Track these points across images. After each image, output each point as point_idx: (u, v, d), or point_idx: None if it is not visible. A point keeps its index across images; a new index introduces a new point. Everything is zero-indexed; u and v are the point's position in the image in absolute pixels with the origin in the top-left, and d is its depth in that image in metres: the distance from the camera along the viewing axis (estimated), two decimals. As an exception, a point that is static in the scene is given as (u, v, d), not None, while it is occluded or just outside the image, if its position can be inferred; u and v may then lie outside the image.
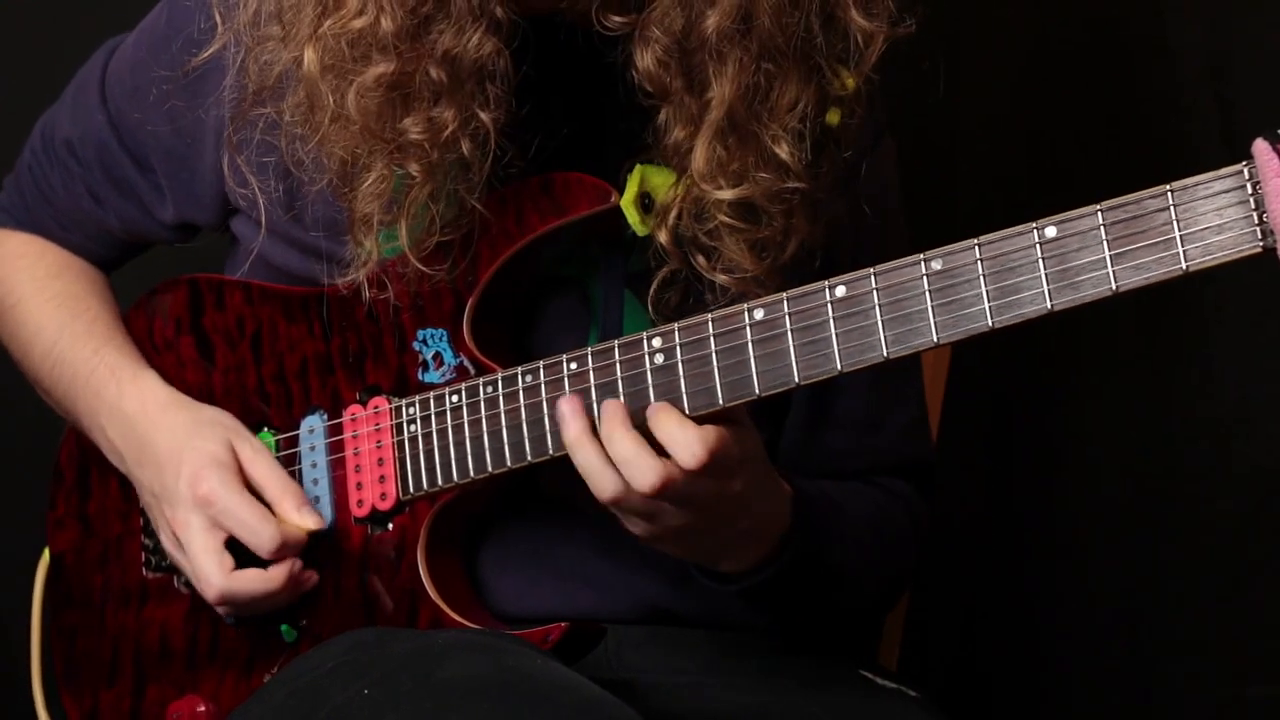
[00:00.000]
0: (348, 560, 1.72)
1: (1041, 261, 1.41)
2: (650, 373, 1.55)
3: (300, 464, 1.76)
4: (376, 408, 1.72)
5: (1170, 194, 1.36)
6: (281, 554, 1.69)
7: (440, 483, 1.67)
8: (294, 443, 1.76)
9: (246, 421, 1.78)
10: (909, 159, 1.88)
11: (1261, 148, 1.33)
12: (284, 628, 1.74)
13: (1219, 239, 1.35)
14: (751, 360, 1.51)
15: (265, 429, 1.78)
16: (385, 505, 1.70)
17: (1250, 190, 1.34)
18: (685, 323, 1.54)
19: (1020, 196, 2.45)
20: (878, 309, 1.47)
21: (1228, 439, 2.39)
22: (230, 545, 1.71)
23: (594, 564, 1.73)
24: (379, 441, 1.71)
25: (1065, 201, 1.42)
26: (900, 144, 1.84)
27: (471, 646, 1.50)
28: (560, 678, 1.48)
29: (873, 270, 1.47)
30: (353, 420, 1.73)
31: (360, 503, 1.72)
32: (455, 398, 1.66)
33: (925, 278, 1.45)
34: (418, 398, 1.69)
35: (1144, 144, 2.40)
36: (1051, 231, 1.41)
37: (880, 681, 1.78)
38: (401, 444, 1.70)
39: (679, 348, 1.54)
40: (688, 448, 1.48)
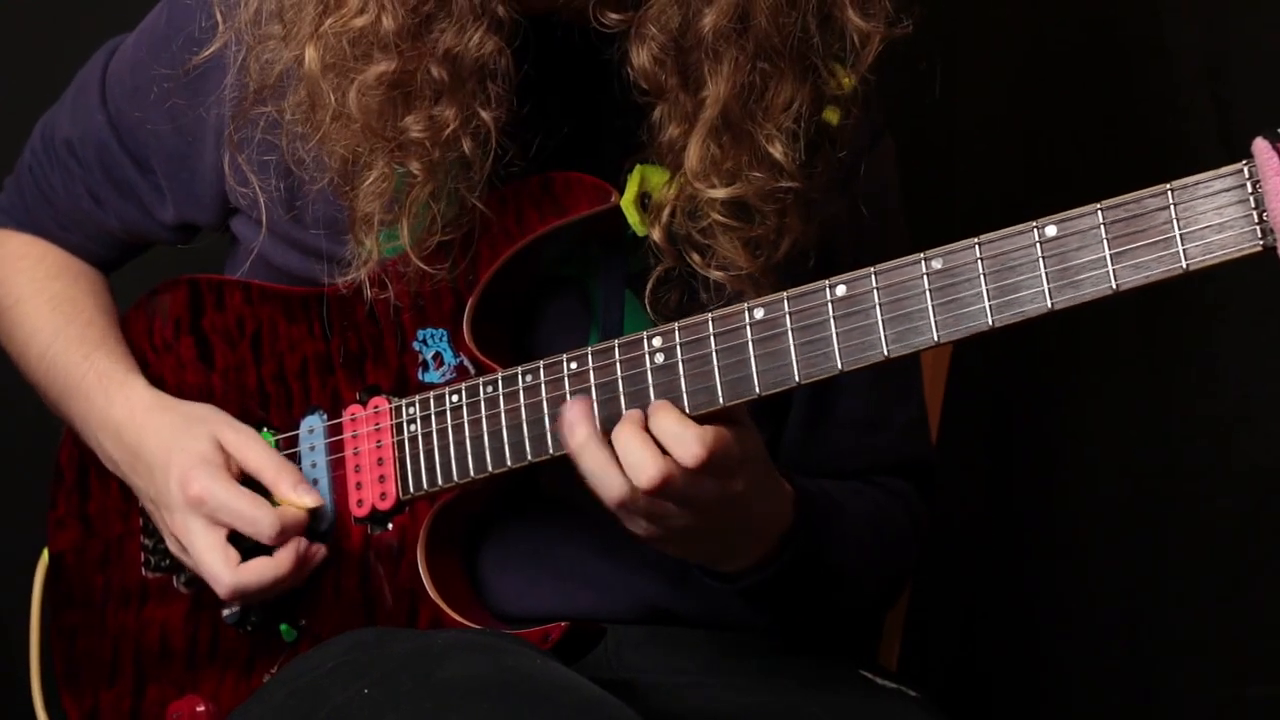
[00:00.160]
0: (348, 560, 1.72)
1: (1042, 260, 1.41)
2: (650, 372, 1.55)
3: (300, 464, 1.75)
4: (376, 407, 1.72)
5: (1170, 193, 1.36)
6: (283, 538, 1.69)
7: (440, 483, 1.67)
8: (294, 443, 1.76)
9: (246, 421, 1.78)
10: (907, 159, 1.88)
11: (1261, 146, 1.33)
12: (284, 628, 1.74)
13: (1219, 238, 1.35)
14: (752, 360, 1.51)
15: (265, 429, 1.78)
16: (385, 505, 1.70)
17: (1250, 189, 1.34)
18: (685, 322, 1.54)
19: (1018, 196, 2.45)
20: (878, 308, 1.46)
21: (1228, 438, 2.39)
22: (234, 538, 1.71)
23: (594, 564, 1.73)
24: (379, 441, 1.71)
25: (1063, 201, 1.42)
26: (898, 144, 1.84)
27: (471, 646, 1.50)
28: (560, 678, 1.48)
29: (873, 269, 1.47)
30: (352, 420, 1.73)
31: (360, 502, 1.72)
32: (455, 397, 1.66)
33: (925, 277, 1.45)
34: (418, 397, 1.69)
35: (1141, 144, 2.40)
36: (1052, 230, 1.40)
37: (880, 681, 1.78)
38: (401, 444, 1.69)
39: (679, 347, 1.54)
40: (687, 446, 1.48)
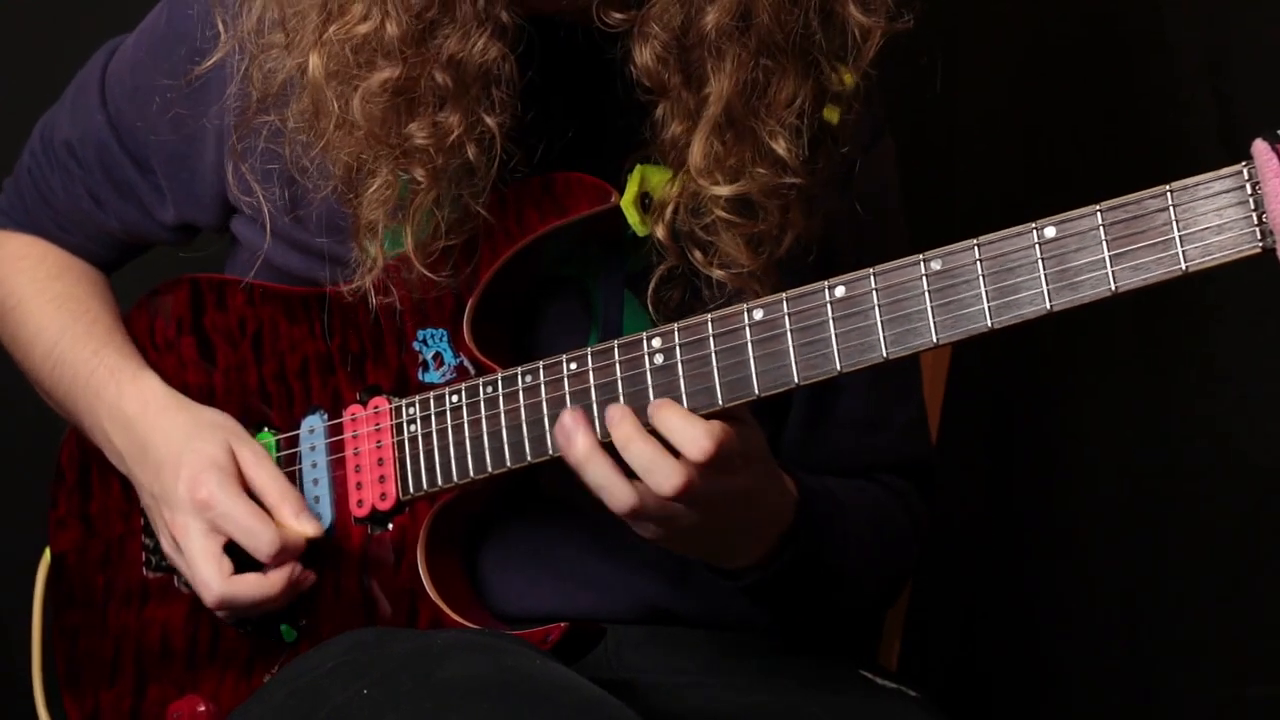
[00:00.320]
0: (348, 560, 1.72)
1: (1041, 262, 1.40)
2: (650, 373, 1.55)
3: (300, 464, 1.76)
4: (376, 408, 1.72)
5: (1170, 194, 1.36)
6: (280, 559, 1.69)
7: (440, 483, 1.67)
8: (294, 442, 1.76)
9: (247, 421, 1.78)
10: (906, 158, 1.88)
11: (1261, 148, 1.33)
12: (284, 628, 1.74)
13: (1218, 239, 1.35)
14: (751, 360, 1.51)
15: (265, 429, 1.78)
16: (385, 505, 1.70)
17: (1250, 190, 1.34)
18: (685, 323, 1.54)
19: (1018, 195, 2.45)
20: (877, 309, 1.46)
21: (1227, 438, 2.39)
22: (229, 548, 1.71)
23: (594, 564, 1.73)
24: (379, 441, 1.71)
25: (1063, 200, 1.42)
26: (898, 143, 1.84)
27: (471, 646, 1.50)
28: (560, 678, 1.48)
29: (872, 270, 1.47)
30: (353, 420, 1.73)
31: (360, 503, 1.72)
32: (455, 398, 1.66)
33: (925, 278, 1.45)
34: (418, 398, 1.69)
35: (1142, 141, 2.39)
36: (1051, 232, 1.40)
37: (880, 681, 1.78)
38: (401, 444, 1.69)
39: (678, 348, 1.54)
40: (695, 441, 1.47)
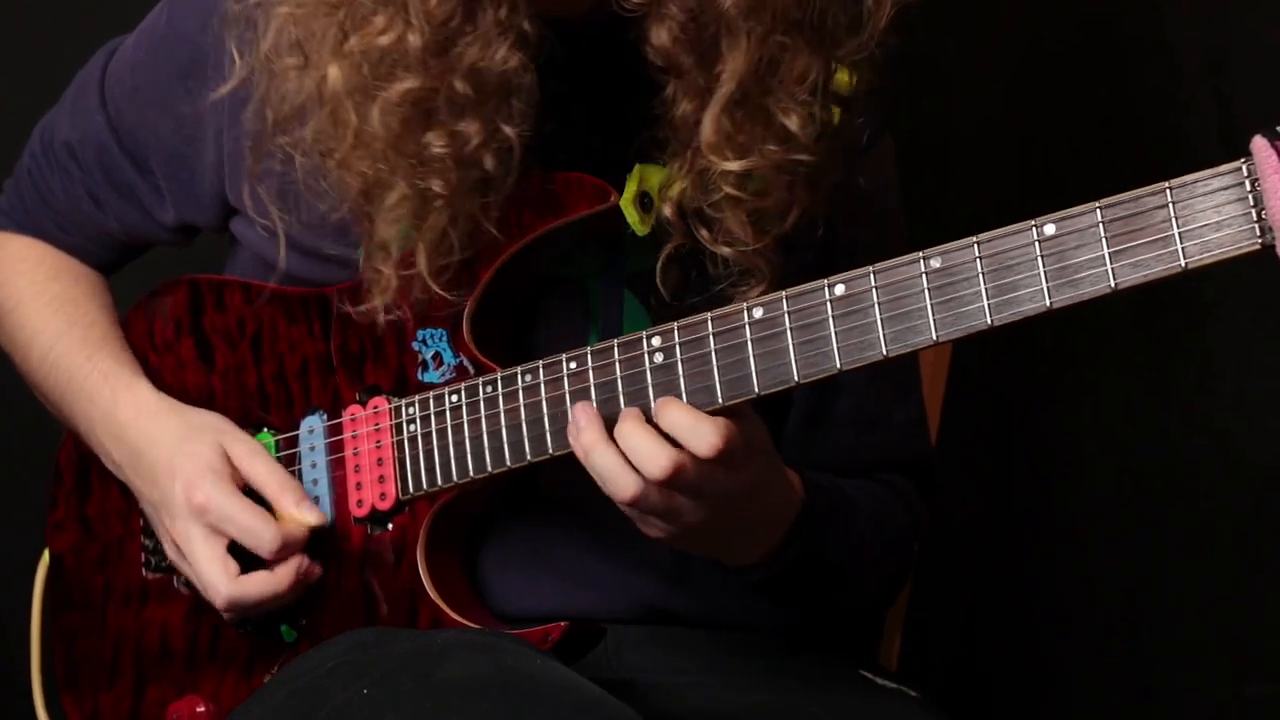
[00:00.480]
0: (348, 560, 1.72)
1: (1040, 259, 1.40)
2: (650, 372, 1.55)
3: (300, 464, 1.76)
4: (376, 408, 1.72)
5: (1169, 191, 1.36)
6: (284, 554, 1.69)
7: (440, 482, 1.67)
8: (294, 443, 1.76)
9: (246, 422, 1.78)
10: (903, 161, 1.88)
11: (1260, 145, 1.33)
12: (284, 628, 1.74)
13: (1217, 236, 1.35)
14: (751, 359, 1.51)
15: (265, 429, 1.78)
16: (385, 505, 1.70)
17: (1249, 187, 1.34)
18: (684, 322, 1.54)
19: (1015, 196, 2.45)
20: (877, 307, 1.46)
21: (1227, 435, 2.39)
22: (233, 548, 1.71)
23: (593, 564, 1.73)
24: (378, 441, 1.71)
25: (1061, 200, 1.42)
26: (895, 144, 1.84)
27: (471, 646, 1.50)
28: (560, 677, 1.48)
29: (871, 269, 1.47)
30: (352, 420, 1.73)
31: (360, 503, 1.72)
32: (455, 397, 1.66)
33: (924, 276, 1.45)
34: (417, 398, 1.69)
35: (1141, 141, 2.39)
36: (1050, 229, 1.40)
37: (880, 681, 1.78)
38: (401, 444, 1.69)
39: (678, 347, 1.54)
40: (703, 437, 1.48)
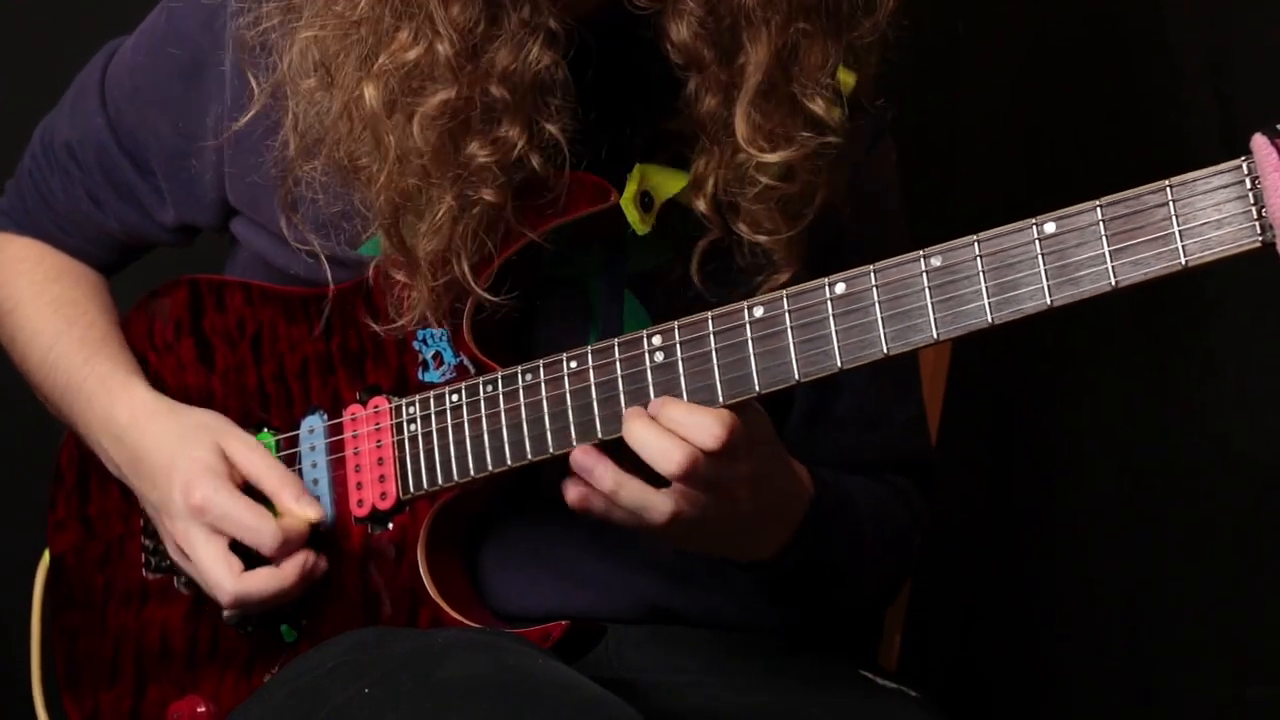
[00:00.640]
0: (348, 560, 1.72)
1: (1041, 257, 1.41)
2: (650, 371, 1.55)
3: (300, 464, 1.76)
4: (376, 407, 1.72)
5: (1169, 189, 1.37)
6: (285, 550, 1.68)
7: (440, 482, 1.67)
8: (294, 443, 1.76)
9: (247, 422, 1.78)
10: (908, 159, 1.88)
11: (1260, 143, 1.33)
12: (284, 628, 1.74)
13: (1218, 234, 1.35)
14: (751, 358, 1.51)
15: (265, 429, 1.78)
16: (385, 505, 1.70)
17: (1249, 185, 1.34)
18: (685, 321, 1.54)
19: (1019, 195, 2.45)
20: (877, 306, 1.47)
21: (1227, 434, 2.39)
22: (235, 545, 1.71)
23: (594, 563, 1.73)
24: (379, 441, 1.71)
25: (1064, 199, 1.42)
26: (899, 143, 1.84)
27: (472, 645, 1.50)
28: (560, 677, 1.48)
29: (872, 267, 1.47)
30: (353, 420, 1.73)
31: (360, 502, 1.72)
32: (455, 397, 1.66)
33: (925, 274, 1.45)
34: (417, 397, 1.69)
35: (1143, 142, 2.39)
36: (1051, 227, 1.41)
37: (880, 681, 1.78)
38: (401, 443, 1.69)
39: (679, 346, 1.54)
40: (706, 429, 1.48)
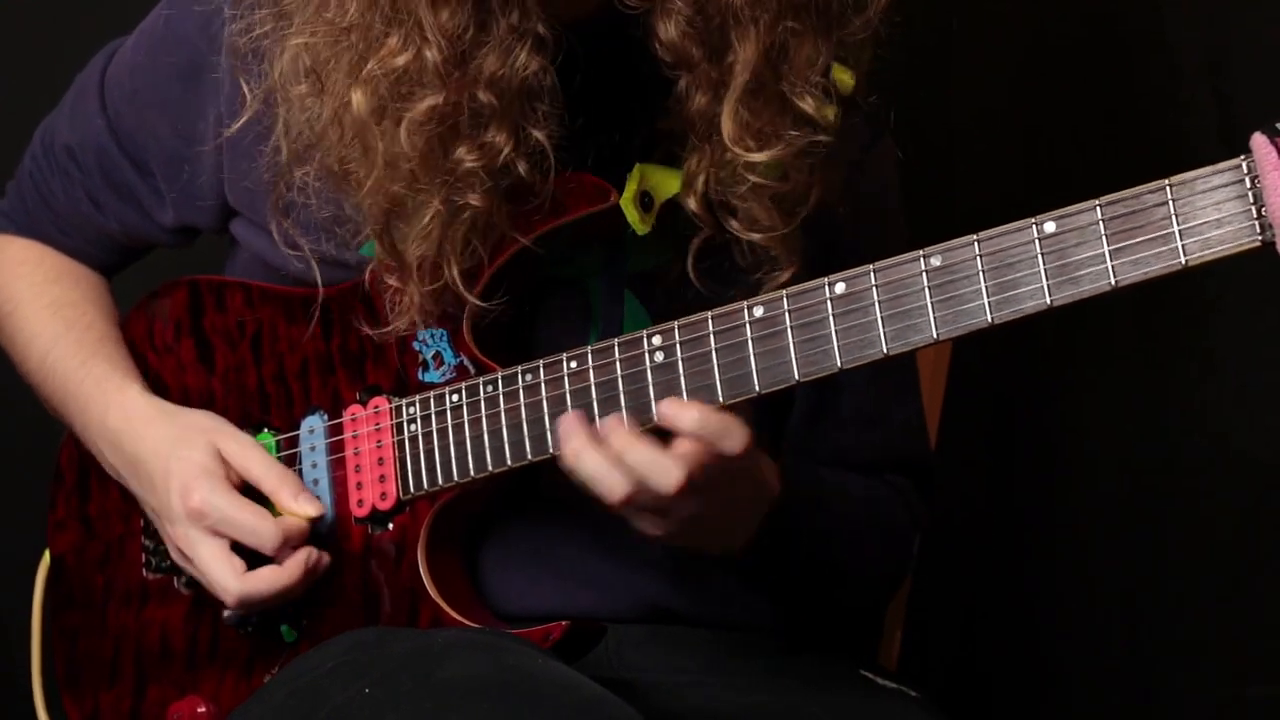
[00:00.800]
0: (348, 560, 1.72)
1: (1041, 257, 1.41)
2: (650, 370, 1.55)
3: (300, 464, 1.75)
4: (376, 407, 1.72)
5: (1169, 189, 1.37)
6: (286, 549, 1.68)
7: (440, 482, 1.67)
8: (294, 443, 1.76)
9: (247, 422, 1.78)
10: (906, 158, 1.88)
11: (1260, 142, 1.33)
12: (284, 628, 1.74)
13: (1218, 233, 1.35)
14: (751, 357, 1.51)
15: (265, 429, 1.78)
16: (385, 505, 1.70)
17: (1249, 184, 1.34)
18: (685, 321, 1.54)
19: (1018, 194, 2.45)
20: (877, 305, 1.47)
21: (1227, 433, 2.39)
22: (238, 545, 1.71)
23: (594, 563, 1.73)
24: (379, 441, 1.71)
25: (1063, 198, 1.42)
26: (897, 142, 1.84)
27: (472, 645, 1.50)
28: (561, 677, 1.48)
29: (872, 267, 1.47)
30: (353, 420, 1.73)
31: (360, 502, 1.72)
32: (455, 397, 1.66)
33: (925, 274, 1.45)
34: (418, 397, 1.69)
35: (1142, 141, 2.40)
36: (1050, 227, 1.41)
37: (880, 681, 1.78)
38: (401, 443, 1.69)
39: (679, 345, 1.54)
40: (732, 434, 1.48)
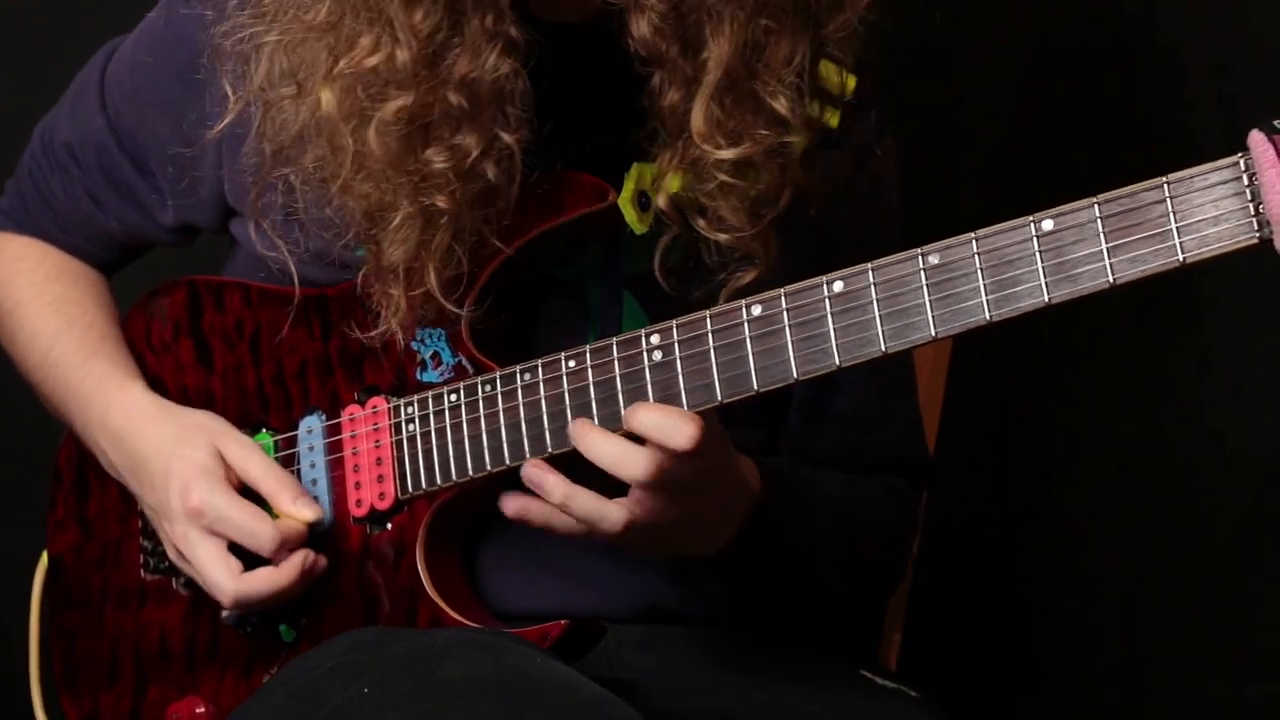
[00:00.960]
0: (347, 560, 1.72)
1: (1038, 255, 1.41)
2: (648, 370, 1.55)
3: (299, 464, 1.76)
4: (375, 408, 1.72)
5: (1167, 186, 1.37)
6: (283, 551, 1.68)
7: (439, 482, 1.67)
8: (292, 443, 1.76)
9: (245, 423, 1.78)
10: (911, 155, 1.88)
11: (1257, 139, 1.33)
12: (283, 628, 1.74)
13: (1215, 230, 1.35)
14: (750, 356, 1.51)
15: (264, 430, 1.78)
16: (384, 505, 1.70)
17: (1247, 182, 1.34)
18: (683, 320, 1.54)
19: (1023, 192, 2.45)
20: (875, 304, 1.47)
21: (1224, 431, 2.39)
22: (235, 545, 1.70)
23: (593, 563, 1.73)
24: (377, 441, 1.71)
25: (1068, 196, 1.42)
26: (902, 141, 1.84)
27: (471, 645, 1.50)
28: (560, 676, 1.48)
29: (870, 265, 1.47)
30: (351, 420, 1.73)
31: (359, 503, 1.72)
32: (454, 397, 1.66)
33: (923, 272, 1.45)
34: (416, 397, 1.69)
35: (1146, 140, 2.39)
36: (1048, 225, 1.41)
37: (880, 681, 1.78)
38: (400, 443, 1.69)
39: (677, 345, 1.54)
40: (681, 431, 1.49)
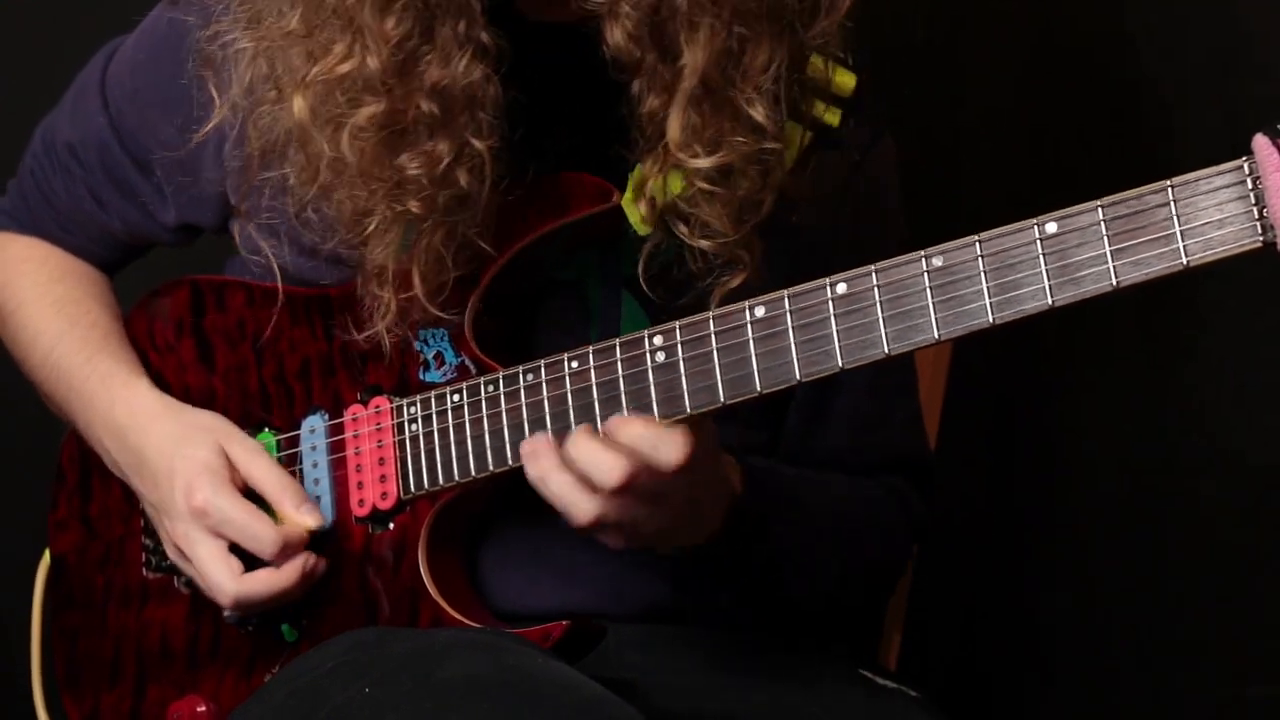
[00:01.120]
0: (349, 560, 1.72)
1: (1042, 257, 1.41)
2: (651, 371, 1.55)
3: (301, 464, 1.76)
4: (378, 407, 1.72)
5: (1171, 189, 1.37)
6: (285, 555, 1.68)
7: (441, 482, 1.67)
8: (295, 443, 1.76)
9: (248, 422, 1.78)
10: (912, 157, 1.88)
11: (1261, 143, 1.33)
12: (284, 628, 1.74)
13: (1219, 234, 1.35)
14: (753, 358, 1.51)
15: (266, 429, 1.78)
16: (386, 505, 1.70)
17: (1250, 185, 1.34)
18: (686, 321, 1.54)
19: (1024, 193, 2.45)
20: (879, 306, 1.47)
21: (1227, 434, 2.39)
22: (235, 545, 1.71)
23: (594, 563, 1.73)
24: (380, 441, 1.71)
25: (1069, 199, 1.42)
26: (903, 142, 1.84)
27: (472, 645, 1.50)
28: (561, 677, 1.48)
29: (874, 267, 1.47)
30: (354, 420, 1.73)
31: (361, 502, 1.72)
32: (456, 397, 1.66)
33: (926, 274, 1.45)
34: (419, 397, 1.69)
35: (1148, 140, 2.40)
36: (1052, 228, 1.41)
37: (880, 681, 1.78)
38: (402, 443, 1.69)
39: (680, 346, 1.54)
40: (671, 451, 1.49)
